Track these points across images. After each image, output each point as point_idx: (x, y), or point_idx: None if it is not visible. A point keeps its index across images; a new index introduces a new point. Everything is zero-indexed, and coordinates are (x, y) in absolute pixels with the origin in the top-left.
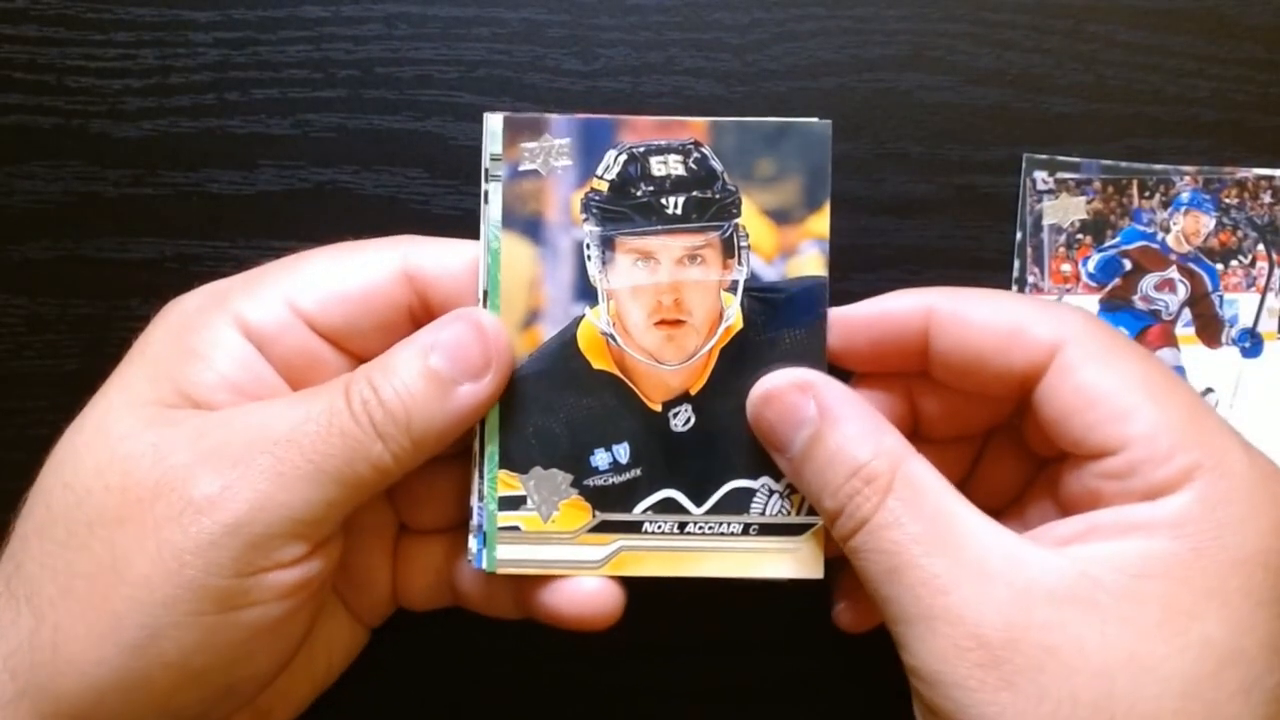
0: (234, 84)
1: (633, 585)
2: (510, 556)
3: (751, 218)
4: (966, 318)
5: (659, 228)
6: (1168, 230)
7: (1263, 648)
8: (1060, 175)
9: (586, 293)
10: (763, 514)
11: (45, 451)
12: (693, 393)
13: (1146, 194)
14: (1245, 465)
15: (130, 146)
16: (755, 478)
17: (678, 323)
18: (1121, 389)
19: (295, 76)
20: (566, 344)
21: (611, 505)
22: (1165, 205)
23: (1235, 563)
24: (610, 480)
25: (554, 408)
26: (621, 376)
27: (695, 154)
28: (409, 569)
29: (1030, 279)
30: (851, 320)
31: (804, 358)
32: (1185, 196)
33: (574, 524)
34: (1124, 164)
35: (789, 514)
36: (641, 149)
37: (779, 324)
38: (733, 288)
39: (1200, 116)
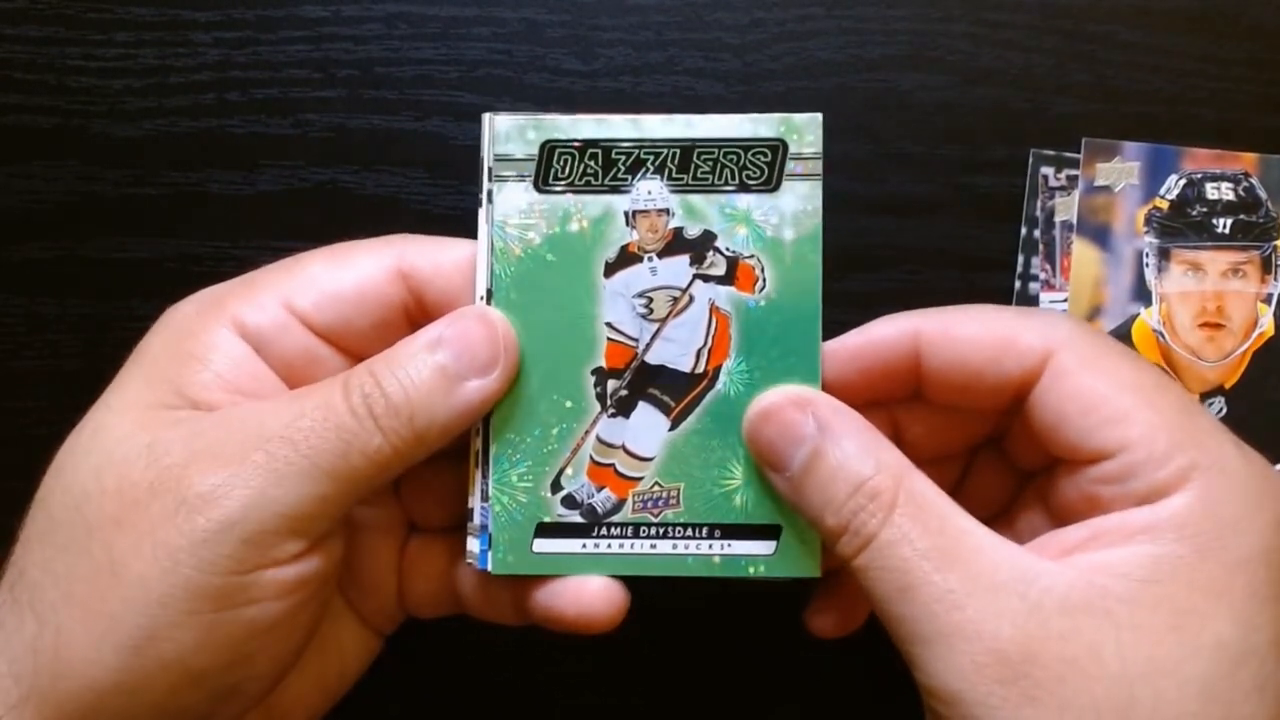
0: (234, 84)
1: (633, 587)
2: None
3: None
4: (956, 334)
5: (1209, 244)
6: None
7: (1272, 645)
8: (1070, 172)
9: (1142, 294)
10: None
11: (45, 451)
12: (1226, 387)
13: None
14: (1241, 463)
15: (130, 146)
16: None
17: (1219, 326)
18: (1116, 392)
19: (295, 76)
20: (1122, 337)
21: None
22: None
23: (1238, 561)
24: None
25: None
26: (1166, 369)
27: (1244, 183)
28: (413, 573)
29: (1042, 275)
30: (840, 352)
31: None
32: None
33: None
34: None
35: None
36: (1199, 176)
37: None
38: (1267, 299)
39: (1200, 116)
